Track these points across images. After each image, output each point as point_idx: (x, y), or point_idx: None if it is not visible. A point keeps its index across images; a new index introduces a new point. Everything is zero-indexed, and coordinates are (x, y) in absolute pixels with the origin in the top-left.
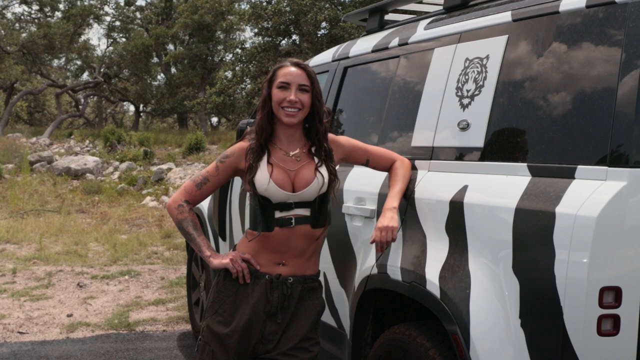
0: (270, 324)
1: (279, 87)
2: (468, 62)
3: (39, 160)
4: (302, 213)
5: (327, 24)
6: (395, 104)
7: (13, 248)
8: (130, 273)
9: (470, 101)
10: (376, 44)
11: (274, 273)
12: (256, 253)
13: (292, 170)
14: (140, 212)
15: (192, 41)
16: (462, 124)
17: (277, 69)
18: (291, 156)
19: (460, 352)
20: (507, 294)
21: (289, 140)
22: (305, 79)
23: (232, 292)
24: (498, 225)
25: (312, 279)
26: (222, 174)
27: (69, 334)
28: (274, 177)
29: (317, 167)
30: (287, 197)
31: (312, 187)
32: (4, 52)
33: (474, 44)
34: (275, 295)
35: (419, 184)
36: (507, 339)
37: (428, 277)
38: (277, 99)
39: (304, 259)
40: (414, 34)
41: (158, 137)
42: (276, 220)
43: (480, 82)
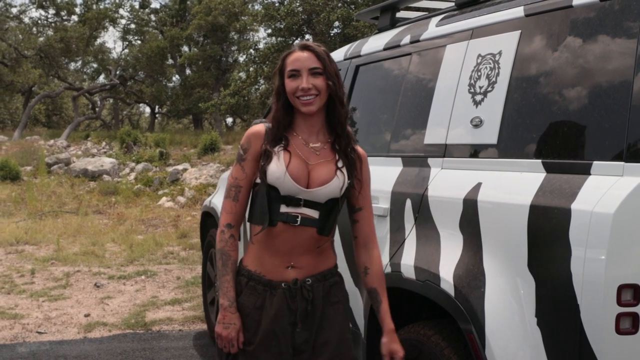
0: (299, 333)
1: (290, 76)
2: (480, 58)
3: (56, 162)
4: (310, 214)
5: (340, 23)
6: (407, 101)
7: (32, 249)
8: (146, 273)
9: (483, 98)
10: (388, 42)
11: (289, 279)
12: (260, 260)
13: (311, 163)
14: (156, 212)
15: (206, 42)
16: (475, 121)
17: (286, 56)
18: (311, 148)
19: (475, 351)
20: (522, 292)
21: (310, 131)
22: (315, 61)
23: (249, 309)
24: (513, 223)
25: (332, 273)
26: (250, 171)
27: (87, 333)
28: (289, 167)
29: (339, 166)
30: (297, 191)
31: (329, 187)
32: (22, 56)
33: (486, 40)
34: (296, 302)
35: (432, 182)
36: (523, 337)
37: (442, 276)
38: (291, 89)
39: (314, 254)
40: (425, 31)
41: (173, 138)
42: (281, 215)
43: (493, 78)
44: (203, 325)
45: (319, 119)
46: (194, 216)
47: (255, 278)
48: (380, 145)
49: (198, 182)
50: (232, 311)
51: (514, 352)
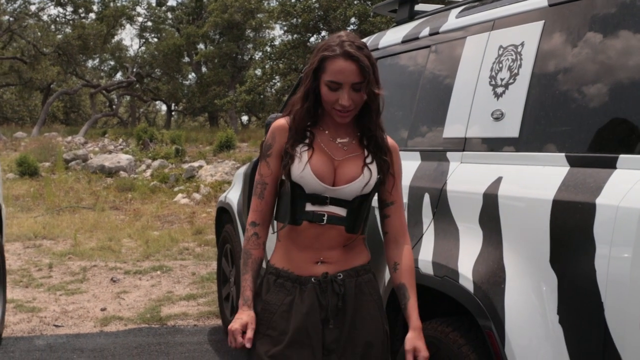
0: (330, 331)
1: (328, 87)
2: (502, 50)
3: (74, 158)
4: (337, 212)
5: (357, 19)
6: (426, 94)
7: (49, 244)
8: (162, 268)
9: (505, 90)
10: (406, 35)
11: (318, 274)
12: (287, 256)
13: (337, 159)
14: (172, 209)
15: (222, 40)
16: (496, 114)
17: (325, 58)
18: (338, 143)
19: (494, 348)
20: (544, 289)
21: (337, 126)
22: (358, 76)
23: (277, 306)
24: (534, 218)
25: (365, 269)
26: (276, 167)
27: (103, 327)
28: (312, 164)
29: (367, 162)
30: (323, 189)
31: (355, 184)
32: (40, 53)
33: (508, 31)
34: (327, 297)
35: (451, 176)
36: (544, 335)
37: (461, 272)
38: (329, 100)
39: (344, 250)
40: (445, 23)
41: (189, 135)
42: (306, 214)
43: (514, 70)
44: (218, 320)
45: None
46: (209, 213)
47: (283, 275)
48: (397, 139)
49: (213, 179)
50: (244, 309)
51: (534, 350)
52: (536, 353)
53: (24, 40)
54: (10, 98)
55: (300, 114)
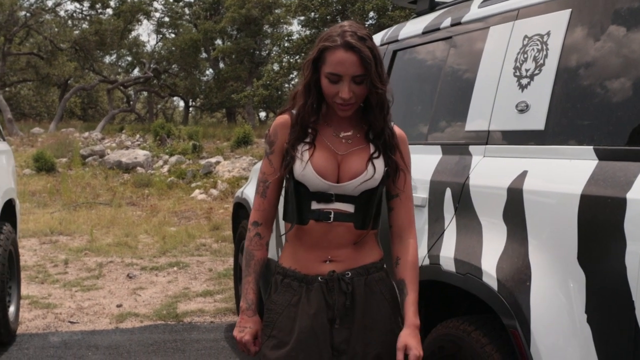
0: (338, 332)
1: (329, 78)
2: (527, 39)
3: (91, 154)
4: (345, 209)
5: (375, 13)
6: (447, 86)
7: (65, 239)
8: (178, 265)
9: (530, 81)
10: (427, 25)
11: (325, 273)
12: (295, 255)
13: (340, 154)
14: (189, 204)
15: (239, 36)
16: (520, 106)
17: (325, 49)
18: (342, 137)
19: (519, 348)
20: (572, 286)
21: (340, 118)
22: (359, 67)
23: (283, 306)
24: (561, 213)
25: (376, 267)
26: (279, 164)
27: (118, 324)
28: (314, 161)
29: (372, 157)
30: (327, 187)
31: (360, 179)
32: (57, 49)
33: (533, 20)
34: (334, 297)
35: (474, 170)
36: (572, 335)
37: (484, 269)
38: (329, 93)
39: (354, 248)
40: (467, 13)
41: (207, 131)
42: (312, 212)
43: (540, 60)
44: (234, 317)
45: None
46: (226, 209)
47: (290, 274)
48: (418, 132)
49: (231, 174)
50: (249, 314)
51: (561, 350)
52: (563, 353)
53: (41, 35)
54: (28, 94)
55: (303, 109)
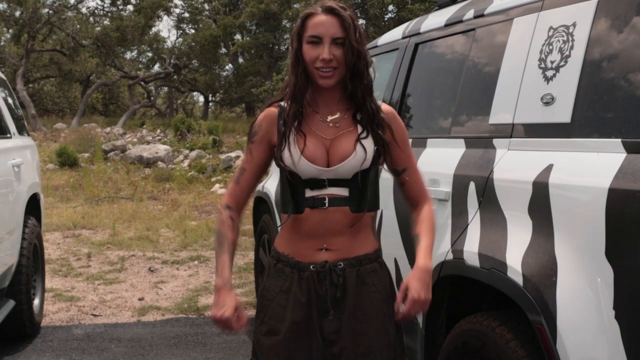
0: (328, 322)
1: (310, 42)
2: (552, 31)
3: (113, 149)
4: (338, 193)
5: (394, 6)
6: (471, 79)
7: (88, 233)
8: (199, 258)
9: (555, 73)
10: (449, 18)
11: (318, 261)
12: (290, 242)
13: (328, 138)
14: (209, 199)
15: (258, 31)
16: (546, 98)
17: (306, 17)
18: (329, 121)
19: (545, 344)
20: (599, 282)
21: (327, 103)
22: (339, 29)
23: (274, 292)
24: (589, 208)
25: (369, 259)
26: (258, 155)
27: (140, 317)
28: (304, 149)
29: (360, 137)
30: (318, 172)
31: (349, 162)
32: (79, 45)
33: (558, 11)
34: (324, 287)
35: (498, 164)
36: (599, 331)
37: (509, 264)
38: (310, 58)
39: (350, 235)
40: (490, 5)
41: (226, 126)
42: (307, 200)
43: (566, 52)
44: (255, 311)
45: (338, 90)
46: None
47: (283, 260)
48: (440, 126)
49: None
50: (225, 291)
51: (589, 347)
52: (590, 350)
53: (63, 32)
54: (51, 90)
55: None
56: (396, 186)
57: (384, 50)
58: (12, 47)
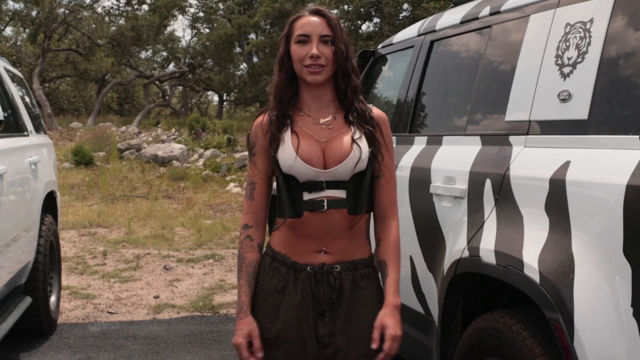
0: (323, 324)
1: (298, 42)
2: (569, 27)
3: (128, 148)
4: (336, 195)
5: (409, 5)
6: (487, 76)
7: (104, 232)
8: (214, 257)
9: (572, 70)
10: (465, 15)
11: (315, 263)
12: (288, 242)
13: (323, 140)
14: (224, 197)
15: (273, 30)
16: (562, 95)
17: (294, 20)
18: (321, 123)
19: (562, 342)
20: (617, 279)
21: (318, 105)
22: (326, 28)
23: (268, 291)
24: (606, 205)
25: (364, 264)
26: (262, 166)
27: (156, 315)
28: (300, 150)
29: (354, 138)
30: (316, 174)
31: (348, 162)
32: (95, 44)
33: (575, 7)
34: (321, 289)
35: (514, 161)
36: (617, 328)
37: (526, 261)
38: (298, 57)
39: (347, 239)
40: (506, 2)
41: (241, 125)
42: (305, 204)
43: (583, 48)
44: None
45: (328, 91)
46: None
47: (279, 259)
48: (456, 123)
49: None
50: (241, 317)
51: (606, 345)
52: (608, 347)
53: (79, 32)
54: (66, 89)
55: (279, 84)
56: (412, 184)
57: (399, 48)
58: (28, 47)
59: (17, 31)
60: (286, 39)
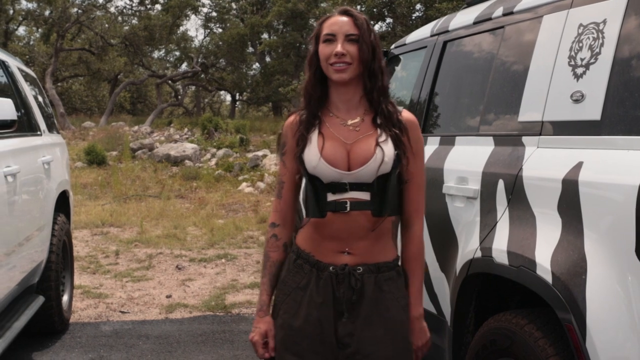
0: (343, 324)
1: (325, 41)
2: (582, 28)
3: (140, 147)
4: (360, 197)
5: (422, 5)
6: (500, 76)
7: (116, 231)
8: (226, 256)
9: (585, 71)
10: (478, 15)
11: (338, 263)
12: (313, 241)
13: (349, 142)
14: (236, 197)
15: (285, 30)
16: (575, 96)
17: (323, 21)
18: (349, 125)
19: (575, 343)
20: (630, 279)
21: (347, 107)
22: (352, 27)
23: (291, 288)
24: (619, 205)
25: (388, 267)
26: (291, 165)
27: (168, 314)
28: (324, 152)
29: (379, 140)
30: (340, 176)
31: (371, 165)
32: (108, 44)
33: (588, 8)
34: (342, 290)
35: (527, 162)
36: (630, 329)
37: (538, 261)
38: (325, 55)
39: (371, 240)
40: (520, 2)
41: (253, 124)
42: (328, 204)
43: (596, 49)
44: None
45: (356, 92)
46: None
47: (303, 256)
48: (469, 124)
49: (277, 168)
50: (260, 315)
51: (619, 345)
52: (621, 348)
53: (92, 31)
54: (79, 89)
55: (308, 84)
56: (427, 191)
57: (412, 48)
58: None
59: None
60: (315, 39)
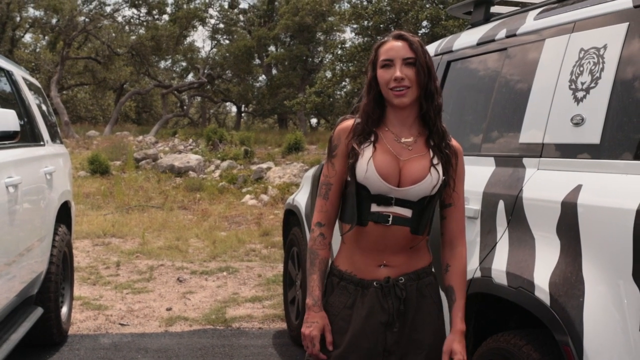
0: (391, 334)
1: (383, 67)
2: (583, 52)
3: (144, 157)
4: (402, 213)
5: (428, 22)
6: (502, 98)
7: (118, 242)
8: (228, 269)
9: (585, 94)
10: (482, 37)
11: (381, 277)
12: (352, 259)
13: (402, 159)
14: (239, 210)
15: (292, 42)
16: (576, 119)
17: (379, 46)
18: (403, 142)
19: None
20: (626, 302)
21: (401, 125)
22: (408, 51)
23: (339, 309)
24: (616, 229)
25: (426, 272)
26: (340, 168)
27: (168, 327)
28: (376, 164)
29: (434, 163)
30: (388, 190)
31: (422, 185)
32: (114, 53)
33: (589, 33)
34: (389, 301)
35: (527, 183)
36: (626, 352)
37: (537, 283)
38: (384, 80)
39: (407, 253)
40: (523, 25)
41: (258, 137)
42: (372, 215)
43: (596, 73)
44: (283, 324)
45: (412, 113)
46: (276, 214)
47: (346, 278)
48: (471, 144)
49: (281, 180)
50: (315, 310)
51: None
52: None
53: (99, 40)
54: (84, 97)
55: (367, 107)
56: None
57: None
58: (47, 54)
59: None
60: (373, 65)
